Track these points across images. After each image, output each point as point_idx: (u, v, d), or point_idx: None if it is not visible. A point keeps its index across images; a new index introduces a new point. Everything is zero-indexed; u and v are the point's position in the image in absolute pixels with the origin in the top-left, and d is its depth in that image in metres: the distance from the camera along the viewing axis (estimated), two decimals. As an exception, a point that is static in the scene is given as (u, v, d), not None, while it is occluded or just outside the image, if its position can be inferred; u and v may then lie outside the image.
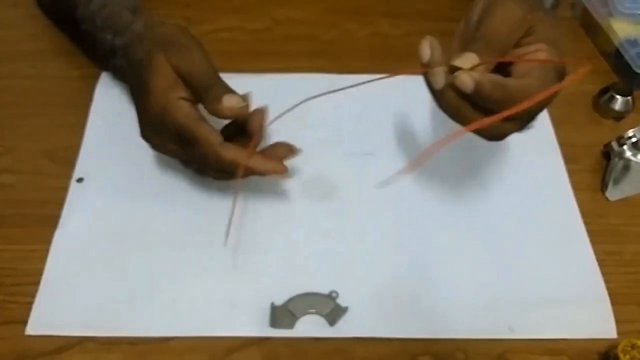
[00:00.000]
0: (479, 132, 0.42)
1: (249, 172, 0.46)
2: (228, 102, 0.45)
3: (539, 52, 0.42)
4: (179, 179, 0.54)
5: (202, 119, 0.46)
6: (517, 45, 0.42)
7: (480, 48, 0.40)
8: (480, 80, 0.38)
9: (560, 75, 0.42)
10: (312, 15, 0.69)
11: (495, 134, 0.43)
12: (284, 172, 0.47)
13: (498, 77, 0.39)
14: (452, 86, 0.39)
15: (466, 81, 0.38)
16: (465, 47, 0.41)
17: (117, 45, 0.53)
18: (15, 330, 0.46)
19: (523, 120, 0.43)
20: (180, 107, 0.46)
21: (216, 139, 0.45)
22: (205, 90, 0.46)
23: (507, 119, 0.39)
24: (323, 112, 0.58)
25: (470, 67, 0.39)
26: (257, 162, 0.46)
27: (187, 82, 0.46)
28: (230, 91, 0.46)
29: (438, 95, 0.41)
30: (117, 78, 0.59)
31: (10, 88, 0.61)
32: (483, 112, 0.40)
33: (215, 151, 0.45)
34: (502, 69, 0.42)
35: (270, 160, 0.47)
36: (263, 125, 0.48)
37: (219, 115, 0.46)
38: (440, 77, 0.40)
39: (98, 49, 0.55)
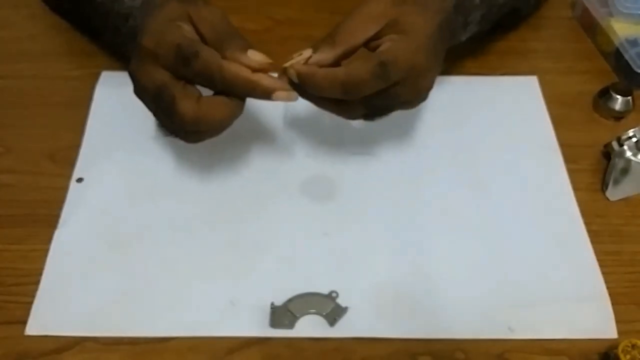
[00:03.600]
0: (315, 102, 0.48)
1: (253, 89, 0.44)
2: (253, 54, 0.45)
3: (386, 43, 0.45)
4: (179, 178, 0.54)
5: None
6: (379, 37, 0.46)
7: (322, 42, 0.45)
8: (298, 71, 0.45)
9: (388, 66, 0.44)
10: (312, 15, 0.69)
11: (330, 110, 0.48)
12: (291, 90, 0.46)
13: (310, 68, 0.45)
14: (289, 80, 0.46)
15: (291, 74, 0.45)
16: (315, 44, 0.46)
17: (134, 6, 0.51)
18: (15, 330, 0.46)
19: (357, 107, 0.47)
20: (180, 30, 0.44)
21: (219, 56, 0.44)
22: (228, 39, 0.45)
23: (341, 102, 0.46)
24: (323, 111, 0.58)
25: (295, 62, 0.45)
26: (262, 78, 0.45)
27: (208, 33, 0.45)
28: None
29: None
30: (125, 47, 0.54)
31: (10, 88, 0.61)
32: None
33: (219, 64, 0.43)
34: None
35: (277, 79, 0.46)
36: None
37: (241, 62, 0.44)
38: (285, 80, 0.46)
39: (113, 18, 0.54)
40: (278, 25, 0.68)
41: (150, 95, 0.45)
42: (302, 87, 0.46)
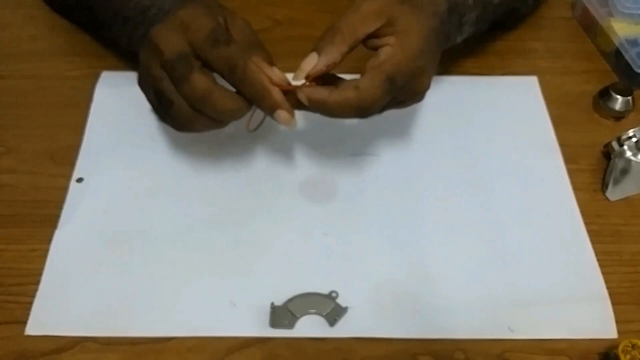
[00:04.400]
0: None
1: (263, 97, 0.44)
2: (277, 70, 0.46)
3: (384, 48, 0.46)
4: (178, 178, 0.54)
5: None
6: (377, 35, 0.46)
7: (323, 42, 0.45)
8: (310, 98, 0.45)
9: (395, 76, 0.45)
10: (312, 15, 0.69)
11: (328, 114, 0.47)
12: (292, 117, 0.46)
13: (322, 96, 0.45)
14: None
15: (303, 99, 0.45)
16: (317, 45, 0.46)
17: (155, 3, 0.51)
18: (15, 330, 0.46)
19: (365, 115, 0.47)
20: (217, 18, 0.45)
21: (248, 51, 0.45)
22: (257, 48, 0.46)
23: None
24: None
25: (310, 74, 0.45)
26: (276, 91, 0.45)
27: (239, 37, 0.46)
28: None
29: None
30: (139, 32, 0.54)
31: (10, 88, 0.61)
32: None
33: (245, 60, 0.44)
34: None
35: (287, 101, 0.46)
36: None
37: (262, 70, 0.45)
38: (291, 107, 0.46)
39: (131, 8, 0.53)
40: (278, 25, 0.68)
41: (165, 59, 0.45)
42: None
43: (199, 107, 0.45)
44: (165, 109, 0.46)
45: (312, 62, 0.45)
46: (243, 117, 0.46)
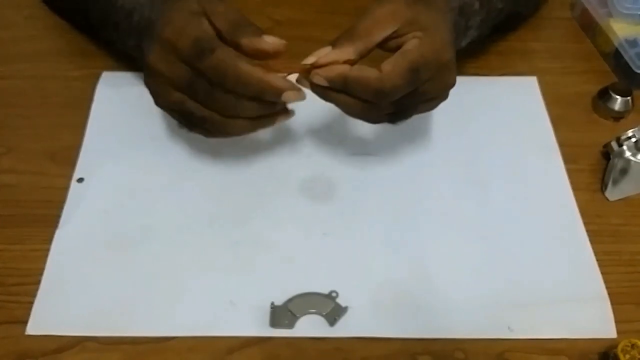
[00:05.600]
0: (337, 106, 0.47)
1: (264, 89, 0.44)
2: (268, 37, 0.45)
3: (410, 40, 0.45)
4: (179, 178, 0.54)
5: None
6: (396, 36, 0.45)
7: (340, 40, 0.45)
8: (326, 75, 0.44)
9: (419, 66, 0.44)
10: (313, 16, 0.69)
11: (353, 114, 0.47)
12: (299, 90, 0.45)
13: (342, 69, 0.44)
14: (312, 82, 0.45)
15: (317, 79, 0.45)
16: (332, 41, 0.46)
17: (139, 1, 0.51)
18: (15, 330, 0.46)
19: (383, 109, 0.46)
20: (200, 24, 0.44)
21: (235, 54, 0.44)
22: (242, 27, 0.45)
23: (366, 104, 0.45)
24: (323, 112, 0.58)
25: (321, 61, 0.45)
26: (274, 78, 0.44)
27: (223, 25, 0.45)
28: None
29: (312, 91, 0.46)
30: (127, 42, 0.55)
31: (11, 88, 0.61)
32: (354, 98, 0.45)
33: (234, 63, 0.43)
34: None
35: (287, 80, 0.45)
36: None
37: (256, 46, 0.45)
38: (305, 83, 0.46)
39: (114, 13, 0.53)
40: (278, 26, 0.68)
41: (178, 85, 0.45)
42: (325, 90, 0.45)
43: (233, 114, 0.45)
44: (198, 125, 0.47)
45: (324, 52, 0.45)
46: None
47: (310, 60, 0.45)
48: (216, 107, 0.45)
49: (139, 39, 0.49)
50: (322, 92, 0.46)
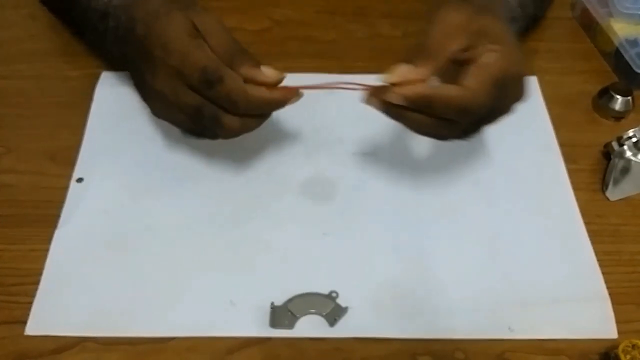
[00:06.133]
0: (408, 125, 0.45)
1: (271, 105, 0.46)
2: (267, 70, 0.45)
3: (488, 53, 0.43)
4: (179, 178, 0.54)
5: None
6: (469, 49, 0.43)
7: (416, 57, 0.43)
8: (406, 95, 0.42)
9: (504, 81, 0.43)
10: (312, 15, 0.69)
11: (425, 132, 0.46)
12: (299, 94, 0.47)
13: (424, 88, 0.42)
14: (389, 102, 0.43)
15: (394, 98, 0.43)
16: (407, 58, 0.43)
17: (114, 5, 0.51)
18: (15, 330, 0.46)
19: (461, 127, 0.45)
20: (203, 49, 0.44)
21: (241, 79, 0.44)
22: (239, 55, 0.45)
23: (443, 121, 0.43)
24: (323, 112, 0.58)
25: (401, 80, 0.42)
26: (279, 95, 0.46)
27: (216, 46, 0.45)
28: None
29: (381, 110, 0.45)
30: (104, 46, 0.55)
31: (10, 88, 0.61)
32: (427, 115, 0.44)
33: (243, 89, 0.44)
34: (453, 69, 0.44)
35: (288, 90, 0.46)
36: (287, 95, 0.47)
37: (255, 78, 0.45)
38: (375, 103, 0.44)
39: (89, 17, 0.54)
40: (277, 25, 0.68)
41: (186, 114, 0.46)
42: (399, 109, 0.43)
43: (241, 133, 0.47)
44: (214, 129, 0.47)
45: (403, 70, 0.43)
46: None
47: (392, 79, 0.43)
48: (223, 126, 0.46)
49: (120, 47, 0.48)
50: (395, 111, 0.44)
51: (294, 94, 0.46)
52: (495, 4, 0.49)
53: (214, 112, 0.45)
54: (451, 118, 0.43)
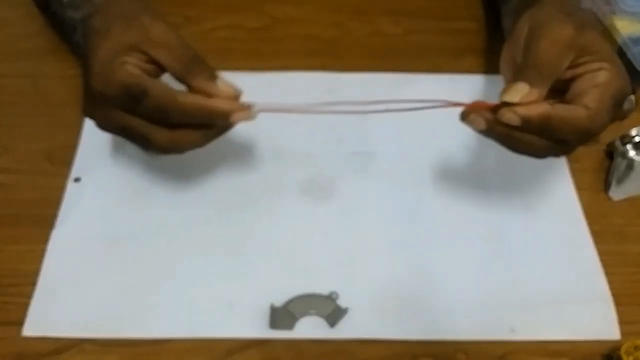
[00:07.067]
0: (509, 145, 0.44)
1: (210, 115, 0.42)
2: (223, 85, 0.43)
3: (601, 72, 0.42)
4: (177, 179, 0.54)
5: (150, 77, 0.42)
6: (574, 65, 0.42)
7: (531, 76, 0.41)
8: (526, 115, 0.40)
9: (618, 100, 0.42)
10: (313, 13, 0.69)
11: (527, 152, 0.44)
12: (250, 109, 0.43)
13: (545, 109, 0.40)
14: (499, 121, 0.41)
15: (512, 119, 0.41)
16: (515, 76, 0.42)
17: (76, 20, 0.50)
18: (12, 331, 0.45)
19: (572, 147, 0.44)
20: (124, 68, 0.42)
21: (170, 88, 0.42)
22: (193, 66, 0.43)
23: (556, 142, 0.42)
24: (323, 111, 0.58)
25: (522, 100, 0.40)
26: (217, 102, 0.42)
27: (166, 59, 0.43)
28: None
29: (483, 132, 0.43)
30: (77, 56, 0.55)
31: (7, 87, 0.61)
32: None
33: (172, 97, 0.41)
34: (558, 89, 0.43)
35: (233, 102, 0.43)
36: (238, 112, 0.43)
37: (208, 91, 0.43)
38: (479, 122, 0.43)
39: (65, 30, 0.53)
40: (278, 23, 0.68)
41: (118, 134, 0.44)
42: (510, 129, 0.41)
43: (175, 152, 0.44)
44: (146, 147, 0.44)
45: (521, 89, 0.41)
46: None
47: (514, 98, 0.41)
48: (151, 143, 0.43)
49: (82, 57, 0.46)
50: (501, 130, 0.42)
51: (243, 107, 0.43)
52: (590, 17, 0.48)
53: (141, 129, 0.42)
54: (568, 139, 0.42)
